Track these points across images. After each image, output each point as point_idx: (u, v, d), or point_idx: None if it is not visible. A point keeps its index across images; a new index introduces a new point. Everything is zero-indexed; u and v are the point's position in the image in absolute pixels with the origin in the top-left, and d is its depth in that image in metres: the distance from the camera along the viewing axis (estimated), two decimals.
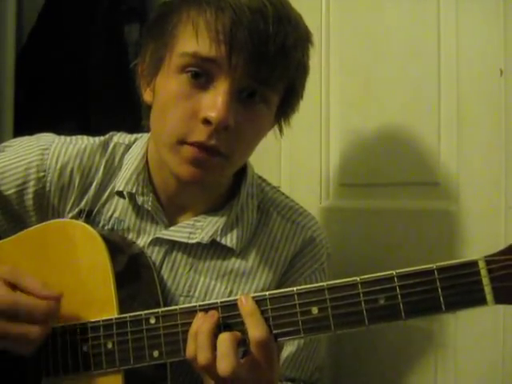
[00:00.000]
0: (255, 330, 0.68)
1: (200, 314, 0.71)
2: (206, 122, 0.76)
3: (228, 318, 0.71)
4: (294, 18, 0.79)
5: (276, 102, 0.83)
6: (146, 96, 0.85)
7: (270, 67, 0.76)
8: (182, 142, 0.78)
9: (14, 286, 0.72)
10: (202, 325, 0.69)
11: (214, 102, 0.75)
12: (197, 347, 0.69)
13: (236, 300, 0.71)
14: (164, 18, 0.81)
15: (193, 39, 0.76)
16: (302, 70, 0.83)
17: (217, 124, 0.75)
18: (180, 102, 0.78)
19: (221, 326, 0.70)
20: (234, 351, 0.67)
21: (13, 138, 1.48)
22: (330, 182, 1.25)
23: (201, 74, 0.77)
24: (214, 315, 0.70)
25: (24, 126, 1.49)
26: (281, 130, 0.90)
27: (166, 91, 0.79)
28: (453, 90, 1.01)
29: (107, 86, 1.57)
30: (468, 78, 0.99)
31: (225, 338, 0.68)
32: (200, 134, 0.77)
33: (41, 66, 1.59)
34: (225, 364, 0.67)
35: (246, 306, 0.69)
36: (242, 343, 0.69)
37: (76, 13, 1.58)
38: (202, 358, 0.68)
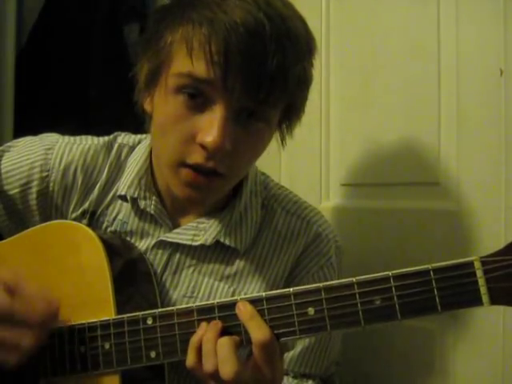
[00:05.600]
0: (258, 332, 0.68)
1: (203, 324, 0.71)
2: (203, 146, 0.75)
3: (226, 320, 0.71)
4: (293, 32, 0.75)
5: (276, 117, 0.81)
6: (147, 106, 0.83)
7: (267, 88, 0.73)
8: (180, 163, 0.77)
9: (12, 291, 0.72)
10: (206, 333, 0.70)
11: (210, 126, 0.74)
12: (203, 355, 0.69)
13: (234, 300, 0.71)
14: (159, 35, 0.78)
15: (187, 60, 0.74)
16: (302, 85, 0.80)
17: (212, 149, 0.74)
18: (177, 125, 0.76)
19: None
20: (234, 354, 0.68)
21: (13, 137, 1.48)
22: (329, 182, 1.25)
23: (197, 94, 0.75)
24: (217, 324, 0.70)
25: (24, 126, 1.49)
26: (283, 141, 0.87)
27: (163, 112, 0.78)
28: (453, 89, 1.01)
29: (107, 85, 1.57)
30: (468, 78, 0.99)
31: (224, 343, 0.68)
32: (198, 156, 0.76)
33: (41, 66, 1.59)
34: (228, 368, 0.67)
35: (245, 312, 0.69)
36: (244, 345, 0.70)
37: (76, 13, 1.58)
38: (209, 365, 0.68)
